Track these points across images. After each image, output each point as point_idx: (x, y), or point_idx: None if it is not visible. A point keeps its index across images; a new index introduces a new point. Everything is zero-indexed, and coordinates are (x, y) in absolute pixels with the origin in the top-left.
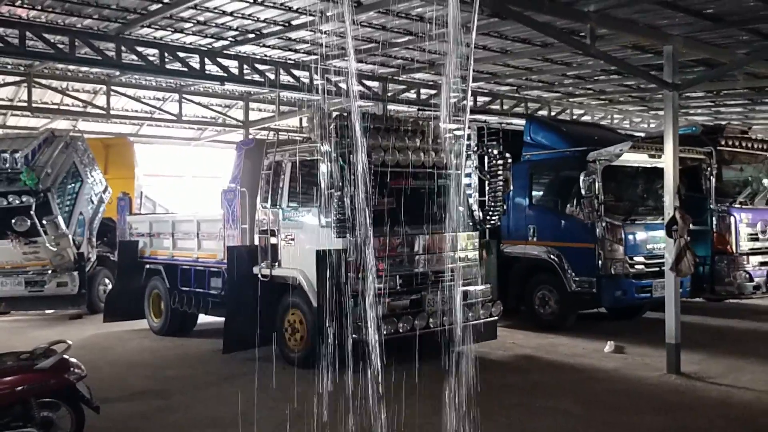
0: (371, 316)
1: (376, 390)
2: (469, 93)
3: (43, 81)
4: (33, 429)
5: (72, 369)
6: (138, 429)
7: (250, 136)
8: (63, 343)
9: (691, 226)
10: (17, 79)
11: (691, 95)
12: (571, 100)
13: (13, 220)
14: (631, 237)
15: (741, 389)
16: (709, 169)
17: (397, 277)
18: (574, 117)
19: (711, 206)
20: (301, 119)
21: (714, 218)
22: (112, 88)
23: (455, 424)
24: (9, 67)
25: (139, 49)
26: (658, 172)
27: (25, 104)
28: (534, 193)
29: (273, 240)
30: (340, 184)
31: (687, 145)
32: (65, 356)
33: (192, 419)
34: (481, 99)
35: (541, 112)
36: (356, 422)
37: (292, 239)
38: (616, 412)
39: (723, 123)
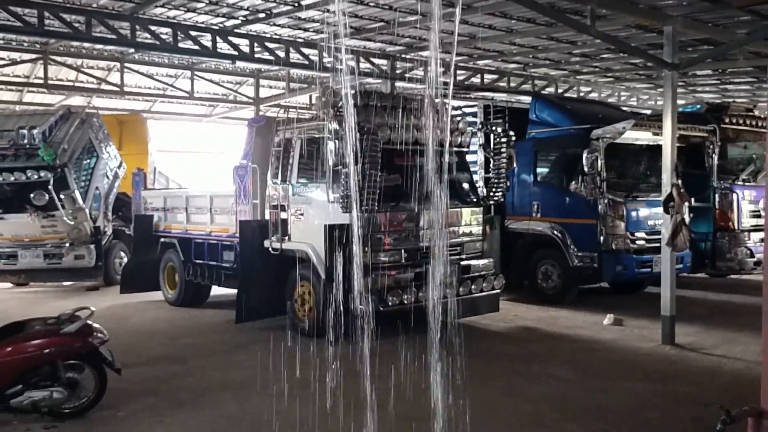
0: (376, 288)
1: (379, 357)
2: (453, 67)
3: (59, 58)
4: (60, 388)
5: (95, 333)
6: (156, 390)
7: (261, 114)
8: (87, 309)
9: (693, 202)
10: (33, 56)
11: (698, 73)
12: (578, 77)
13: (31, 195)
14: (632, 213)
15: (732, 359)
16: (711, 146)
17: (402, 251)
18: (582, 94)
19: (714, 183)
20: (311, 96)
21: (716, 195)
22: (126, 65)
23: (453, 389)
24: (25, 44)
25: (153, 28)
26: (661, 150)
27: (41, 81)
28: (538, 170)
29: (283, 215)
30: (347, 160)
31: (691, 122)
32: (89, 321)
33: (206, 382)
34: (488, 77)
35: (548, 90)
36: (360, 387)
37: (302, 214)
38: (608, 378)
39: (729, 101)
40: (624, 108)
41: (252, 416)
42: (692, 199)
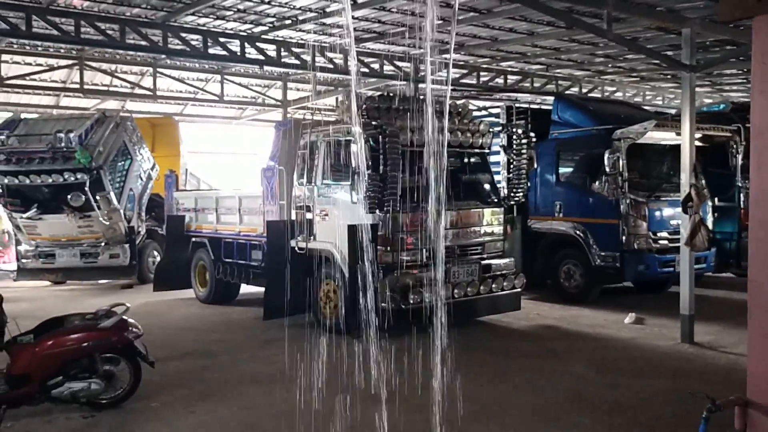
0: (399, 286)
1: (401, 353)
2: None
3: (94, 64)
4: (97, 380)
5: (130, 328)
6: (187, 383)
7: (294, 116)
8: (122, 305)
9: (718, 202)
10: (70, 62)
11: (725, 72)
12: (602, 77)
13: (68, 196)
14: (655, 213)
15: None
16: (736, 146)
17: (424, 250)
18: (606, 94)
19: (738, 183)
20: (337, 98)
21: (741, 195)
22: (158, 70)
23: (471, 384)
24: (62, 51)
25: (184, 35)
26: None
27: (77, 86)
28: (561, 170)
29: (309, 215)
30: (370, 162)
31: (716, 122)
32: (124, 317)
33: (235, 376)
34: (511, 78)
35: (572, 90)
36: (382, 380)
37: (326, 214)
38: (624, 375)
39: None
40: (648, 108)
41: (279, 408)
42: (716, 199)
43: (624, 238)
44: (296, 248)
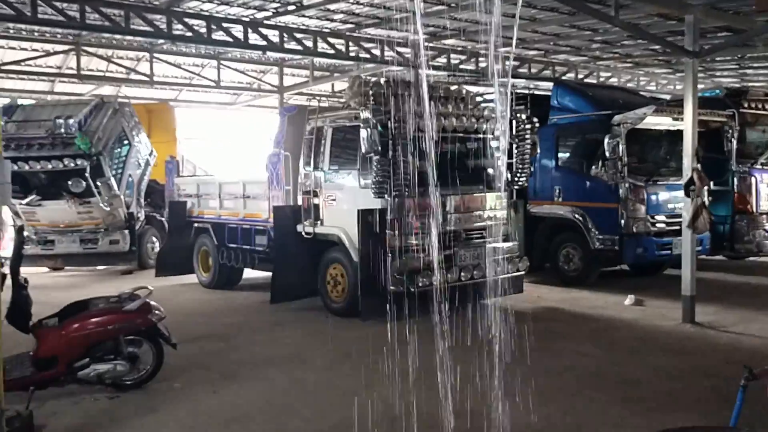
0: (407, 269)
1: (409, 335)
2: (512, 60)
3: (90, 49)
4: (122, 361)
5: (154, 311)
6: (206, 364)
7: (290, 102)
8: (145, 288)
9: (712, 186)
10: (67, 47)
11: (717, 58)
12: (598, 63)
13: (69, 182)
14: (653, 197)
15: (750, 336)
16: (730, 131)
17: (432, 234)
18: (601, 80)
19: (732, 167)
20: (333, 84)
21: (735, 179)
22: (155, 55)
23: (479, 364)
24: (59, 36)
25: (188, 20)
26: (681, 135)
27: (73, 71)
28: (560, 155)
29: (315, 200)
30: (378, 148)
31: (710, 107)
32: (148, 300)
33: (251, 357)
34: (509, 63)
35: (568, 76)
36: (391, 362)
37: (334, 200)
38: (629, 354)
39: (748, 86)
40: (643, 93)
41: (301, 387)
42: (711, 183)
43: (623, 221)
44: (303, 233)
